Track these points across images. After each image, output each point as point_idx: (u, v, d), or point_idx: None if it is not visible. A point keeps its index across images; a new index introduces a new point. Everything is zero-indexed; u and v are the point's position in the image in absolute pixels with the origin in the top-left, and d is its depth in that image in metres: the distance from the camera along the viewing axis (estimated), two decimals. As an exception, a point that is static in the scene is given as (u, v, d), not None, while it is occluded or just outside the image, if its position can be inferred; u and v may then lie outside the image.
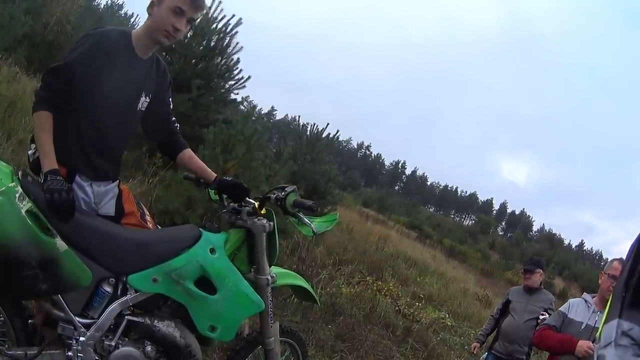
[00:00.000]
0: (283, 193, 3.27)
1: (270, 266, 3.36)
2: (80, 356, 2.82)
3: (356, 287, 9.34)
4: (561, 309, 4.82)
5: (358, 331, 7.27)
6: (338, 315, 7.55)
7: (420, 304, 11.78)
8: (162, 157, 7.15)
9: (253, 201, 3.28)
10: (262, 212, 3.25)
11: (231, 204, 3.35)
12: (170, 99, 3.56)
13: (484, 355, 6.76)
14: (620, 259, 4.58)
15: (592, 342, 4.26)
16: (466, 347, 10.33)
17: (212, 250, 3.08)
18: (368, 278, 10.59)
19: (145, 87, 3.29)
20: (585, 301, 4.71)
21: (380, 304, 9.05)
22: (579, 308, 4.69)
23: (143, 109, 3.34)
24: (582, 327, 4.50)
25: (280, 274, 3.54)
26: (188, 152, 3.57)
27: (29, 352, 2.78)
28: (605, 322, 1.75)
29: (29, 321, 2.91)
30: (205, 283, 3.05)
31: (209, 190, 3.54)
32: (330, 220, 3.69)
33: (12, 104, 8.06)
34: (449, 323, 11.74)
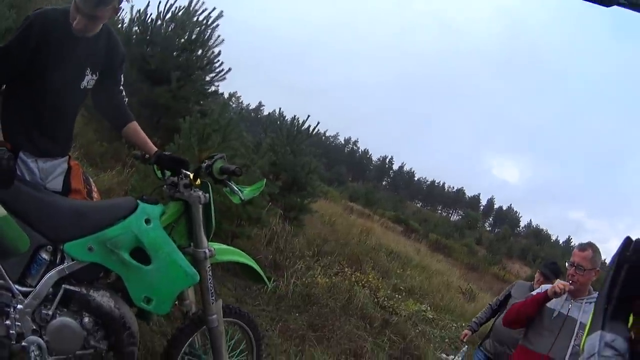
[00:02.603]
0: (211, 161, 3.33)
1: (208, 239, 3.40)
2: (18, 325, 2.84)
3: (333, 278, 9.33)
4: (533, 293, 4.67)
5: (332, 321, 7.28)
6: (312, 305, 7.58)
7: (400, 297, 11.81)
8: (138, 148, 7.27)
9: (189, 173, 3.32)
10: (197, 183, 3.31)
11: (170, 178, 3.39)
12: (122, 75, 3.59)
13: (475, 351, 6.57)
14: (580, 246, 4.50)
15: (574, 335, 4.18)
16: (446, 339, 10.38)
17: (147, 221, 3.13)
18: (346, 269, 10.61)
19: (90, 64, 3.32)
20: None
21: (357, 295, 9.03)
22: None
23: (89, 86, 3.38)
24: (555, 315, 4.34)
25: (222, 250, 3.58)
26: (133, 125, 3.62)
27: None
28: (588, 334, 1.76)
29: None
30: (142, 255, 3.09)
31: (154, 167, 3.56)
32: (257, 188, 3.73)
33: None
34: (429, 316, 11.77)
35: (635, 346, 1.69)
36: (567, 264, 4.46)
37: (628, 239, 1.75)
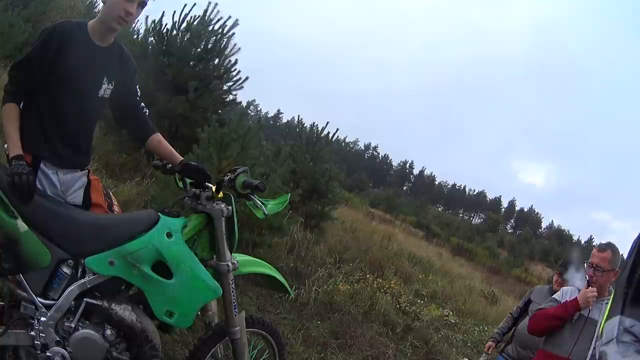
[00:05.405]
0: (234, 175, 3.31)
1: (231, 252, 3.38)
2: (42, 336, 2.89)
3: (355, 284, 9.29)
4: (555, 296, 4.66)
5: (354, 328, 7.28)
6: (334, 313, 7.57)
7: (422, 302, 11.72)
8: (160, 158, 7.34)
9: (211, 185, 3.31)
10: (220, 196, 3.29)
11: (192, 190, 3.38)
12: (137, 86, 3.64)
13: (497, 357, 6.49)
14: (599, 246, 4.46)
15: (595, 337, 4.15)
16: (469, 343, 10.29)
17: (169, 235, 3.11)
18: (368, 276, 10.54)
19: (106, 74, 3.39)
20: (579, 290, 4.46)
21: (379, 301, 8.99)
22: (572, 296, 4.46)
23: (106, 95, 3.43)
24: (576, 317, 4.32)
25: (245, 262, 3.58)
26: (157, 137, 3.63)
27: None
28: (607, 318, 1.77)
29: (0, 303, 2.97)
30: (164, 268, 3.08)
31: (176, 177, 3.55)
32: (281, 202, 3.71)
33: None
34: (452, 320, 11.65)
35: None
36: (585, 266, 4.43)
37: None
